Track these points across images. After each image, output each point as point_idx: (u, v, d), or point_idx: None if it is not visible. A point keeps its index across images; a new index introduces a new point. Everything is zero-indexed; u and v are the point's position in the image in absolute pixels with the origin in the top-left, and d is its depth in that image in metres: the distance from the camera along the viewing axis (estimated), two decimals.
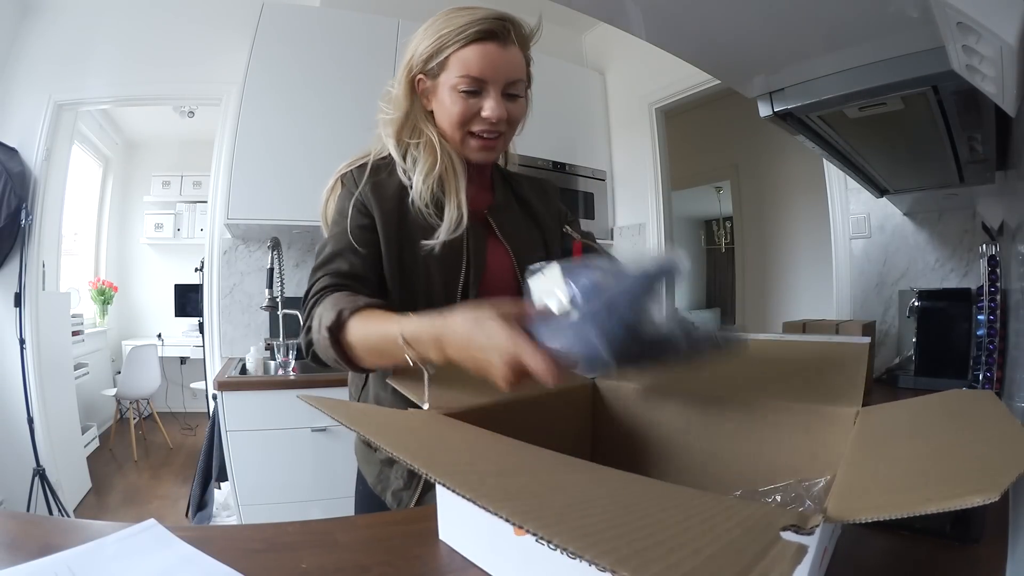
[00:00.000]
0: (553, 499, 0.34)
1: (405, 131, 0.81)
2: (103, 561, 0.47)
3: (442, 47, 0.76)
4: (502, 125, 0.79)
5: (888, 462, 0.41)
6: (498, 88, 0.77)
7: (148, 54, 2.47)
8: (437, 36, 0.77)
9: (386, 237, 0.78)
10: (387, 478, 0.82)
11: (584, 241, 0.96)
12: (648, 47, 0.95)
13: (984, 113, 0.96)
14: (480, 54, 0.75)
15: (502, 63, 0.76)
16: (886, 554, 0.52)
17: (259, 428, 1.88)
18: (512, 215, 0.90)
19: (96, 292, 4.41)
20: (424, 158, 0.79)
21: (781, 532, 0.29)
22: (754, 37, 0.91)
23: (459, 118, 0.78)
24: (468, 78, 0.76)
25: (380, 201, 0.78)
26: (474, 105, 0.77)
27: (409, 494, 0.79)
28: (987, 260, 1.42)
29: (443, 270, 0.79)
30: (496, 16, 0.76)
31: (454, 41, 0.75)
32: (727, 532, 0.29)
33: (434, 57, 0.77)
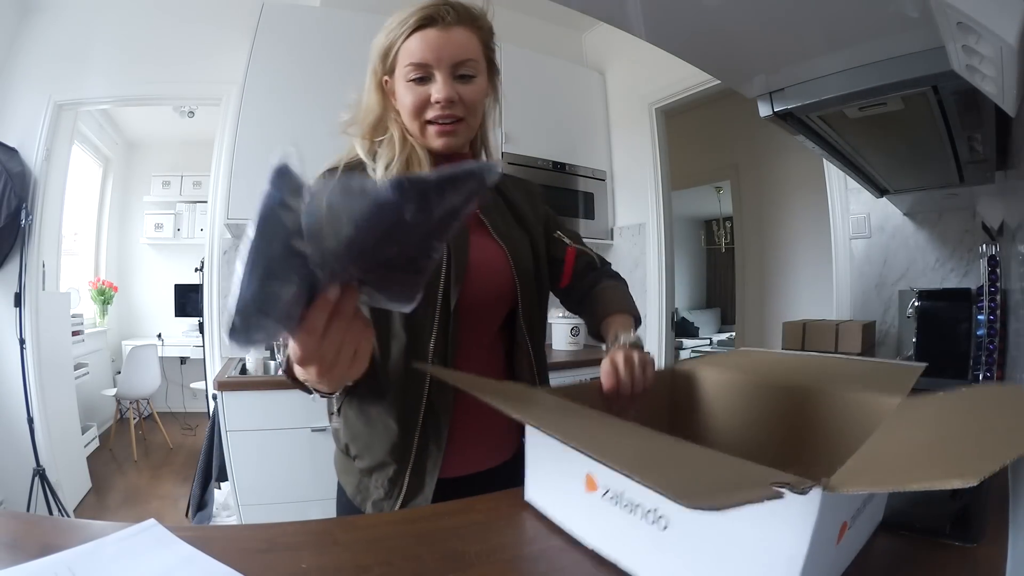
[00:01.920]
0: (618, 446, 0.46)
1: (375, 132, 0.83)
2: (103, 561, 0.47)
3: (392, 43, 0.78)
4: (458, 108, 0.79)
5: (897, 445, 0.45)
6: (444, 71, 0.77)
7: (148, 54, 2.47)
8: (387, 34, 0.79)
9: None
10: (367, 488, 0.80)
11: (577, 247, 0.96)
12: (648, 47, 0.95)
13: (984, 113, 0.96)
14: (421, 40, 0.76)
15: (445, 44, 0.76)
16: (886, 554, 0.52)
17: (259, 428, 1.88)
18: (503, 214, 0.90)
19: (96, 292, 4.40)
20: (385, 153, 0.80)
21: (773, 485, 0.35)
22: (754, 37, 0.91)
23: (412, 107, 0.78)
24: (413, 65, 0.76)
25: None
26: (424, 92, 0.77)
27: (390, 504, 0.78)
28: (987, 260, 1.42)
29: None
30: (435, 2, 0.76)
31: (400, 35, 0.77)
32: (734, 477, 0.39)
33: (388, 54, 0.79)
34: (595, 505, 0.52)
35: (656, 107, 2.81)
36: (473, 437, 0.82)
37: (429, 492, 0.77)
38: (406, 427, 0.77)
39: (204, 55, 2.51)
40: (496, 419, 0.82)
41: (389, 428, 0.78)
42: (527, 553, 0.55)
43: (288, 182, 0.38)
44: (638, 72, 2.86)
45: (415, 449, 0.78)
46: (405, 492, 0.77)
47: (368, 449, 0.80)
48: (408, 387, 0.77)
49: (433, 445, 0.78)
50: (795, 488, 0.35)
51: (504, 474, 0.83)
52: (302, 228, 0.36)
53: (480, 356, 0.84)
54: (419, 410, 0.77)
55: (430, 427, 0.78)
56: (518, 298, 0.84)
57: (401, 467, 0.78)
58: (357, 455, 0.81)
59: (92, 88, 2.46)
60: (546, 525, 0.59)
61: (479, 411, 0.80)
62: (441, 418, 0.78)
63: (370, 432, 0.80)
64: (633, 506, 0.49)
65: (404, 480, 0.77)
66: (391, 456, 0.78)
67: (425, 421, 0.78)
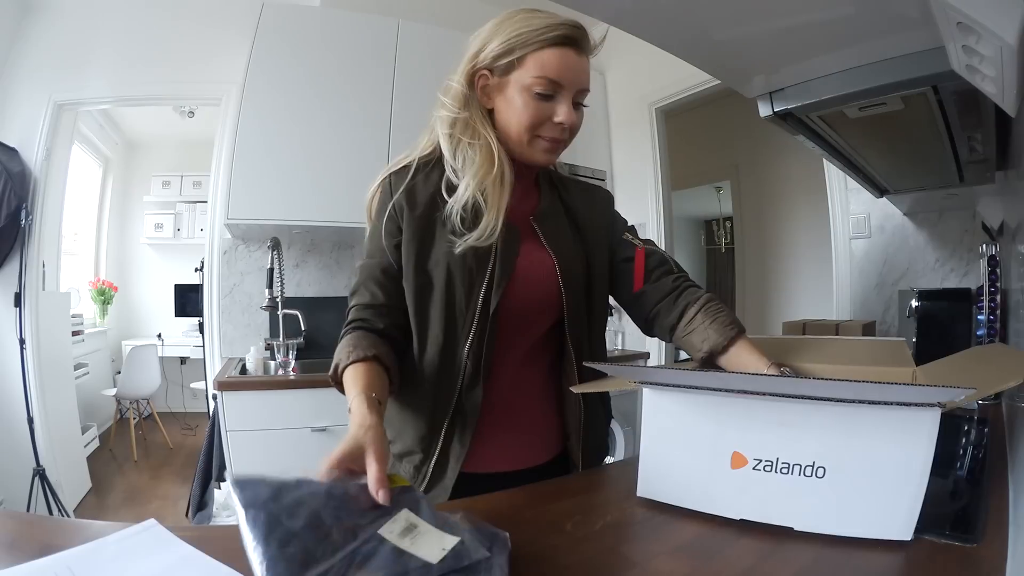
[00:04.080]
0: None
1: (458, 128, 0.79)
2: (103, 561, 0.47)
3: (518, 45, 0.74)
4: (568, 133, 0.79)
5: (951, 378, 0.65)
6: (570, 95, 0.77)
7: (148, 54, 2.47)
8: (514, 34, 0.74)
9: (411, 239, 0.79)
10: (396, 471, 0.83)
11: (647, 247, 0.91)
12: (648, 47, 0.95)
13: (984, 113, 0.96)
14: (560, 58, 0.74)
15: (579, 70, 0.76)
16: (887, 554, 0.52)
17: (259, 428, 1.88)
18: (558, 222, 0.87)
19: (96, 292, 4.40)
20: (481, 161, 0.77)
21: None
22: (754, 37, 0.91)
23: (531, 120, 0.76)
24: (545, 80, 0.74)
25: (412, 208, 0.79)
26: (547, 109, 0.76)
27: (415, 486, 0.80)
28: (987, 260, 1.42)
29: (465, 273, 0.78)
30: (575, 23, 0.76)
31: (534, 41, 0.74)
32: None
33: (507, 55, 0.75)
34: (744, 477, 0.59)
35: (656, 107, 2.81)
36: (501, 435, 0.84)
37: (450, 482, 0.80)
38: (434, 423, 0.80)
39: (204, 55, 2.51)
40: (533, 420, 0.86)
41: (419, 421, 0.81)
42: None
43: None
44: (638, 72, 2.86)
45: (440, 444, 0.80)
46: (428, 479, 0.81)
47: (400, 436, 0.84)
48: (440, 386, 0.80)
49: (457, 443, 0.81)
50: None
51: (547, 475, 0.84)
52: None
53: (518, 362, 0.84)
54: (448, 409, 0.80)
55: (456, 426, 0.81)
56: (564, 309, 0.82)
57: (426, 457, 0.81)
58: (391, 440, 0.84)
59: (92, 88, 2.47)
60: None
61: (514, 410, 0.84)
62: (468, 419, 0.80)
63: (402, 420, 0.83)
64: (790, 466, 0.57)
65: (428, 469, 0.81)
66: (419, 446, 0.82)
67: (452, 420, 0.80)
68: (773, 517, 0.58)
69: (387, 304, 0.80)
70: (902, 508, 0.52)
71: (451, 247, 0.76)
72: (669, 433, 0.66)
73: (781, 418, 0.58)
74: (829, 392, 0.54)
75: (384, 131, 2.31)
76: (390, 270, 0.80)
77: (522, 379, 0.85)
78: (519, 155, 0.80)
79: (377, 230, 0.81)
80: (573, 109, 0.78)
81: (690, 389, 0.64)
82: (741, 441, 0.60)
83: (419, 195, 0.79)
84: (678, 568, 0.52)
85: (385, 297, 0.80)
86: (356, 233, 2.23)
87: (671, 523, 0.62)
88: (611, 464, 1.05)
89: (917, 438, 0.52)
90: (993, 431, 0.94)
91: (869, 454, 0.54)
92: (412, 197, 0.79)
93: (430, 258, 0.78)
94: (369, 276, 0.80)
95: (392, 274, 0.80)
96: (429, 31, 2.43)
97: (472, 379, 0.79)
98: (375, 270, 0.80)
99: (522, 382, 0.85)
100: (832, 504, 0.55)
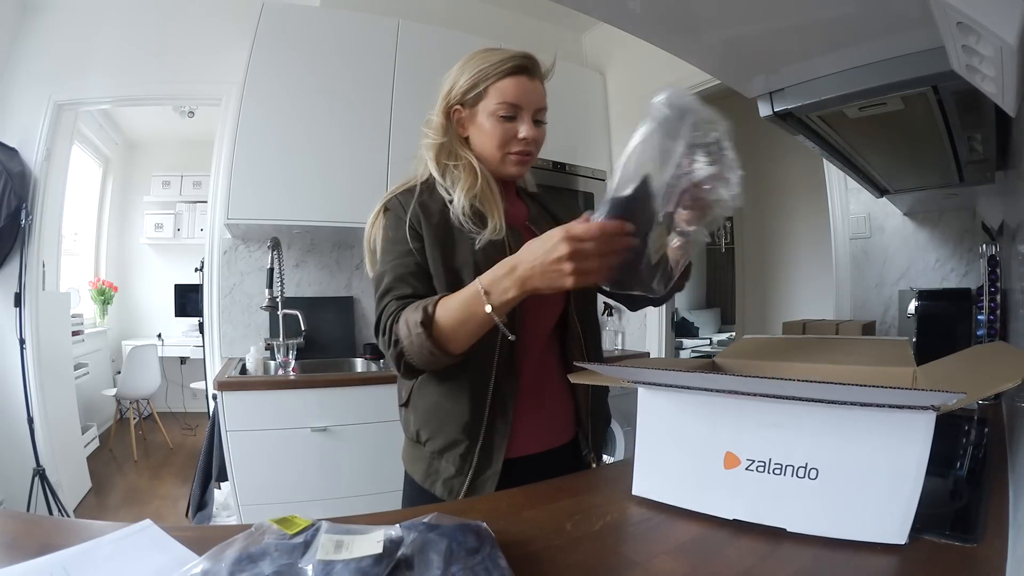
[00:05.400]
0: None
1: (443, 154, 0.92)
2: (98, 561, 0.47)
3: (481, 80, 0.88)
4: (533, 146, 0.91)
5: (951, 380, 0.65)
6: (529, 114, 0.90)
7: (148, 54, 2.47)
8: (476, 71, 0.88)
9: (433, 245, 0.86)
10: (437, 470, 0.88)
11: None
12: (648, 47, 0.96)
13: (984, 113, 0.96)
14: (516, 84, 0.88)
15: (533, 93, 0.90)
16: (886, 554, 0.52)
17: (259, 428, 1.88)
18: (548, 224, 0.95)
19: (96, 292, 4.40)
20: (465, 177, 0.89)
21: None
22: (754, 37, 0.91)
23: (500, 139, 0.89)
24: (506, 104, 0.88)
25: (427, 217, 0.88)
26: (511, 128, 0.89)
27: (460, 480, 0.86)
28: (987, 260, 1.42)
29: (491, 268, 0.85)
30: (525, 54, 0.90)
31: (493, 74, 0.88)
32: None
33: (473, 89, 0.89)
34: (737, 478, 0.60)
35: None
36: (535, 417, 0.91)
37: (497, 467, 0.85)
38: (477, 406, 0.86)
39: (204, 55, 2.51)
40: (554, 403, 0.94)
41: (461, 408, 0.86)
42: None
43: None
44: (638, 72, 2.86)
45: (485, 425, 0.86)
46: (475, 468, 0.85)
47: (440, 430, 0.88)
48: (479, 373, 0.86)
49: (500, 422, 0.87)
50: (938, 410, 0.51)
51: (563, 455, 0.94)
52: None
53: (539, 349, 0.93)
54: (487, 391, 0.86)
55: (497, 406, 0.87)
56: (570, 295, 0.93)
57: (472, 443, 0.86)
58: (429, 438, 0.89)
59: (92, 88, 2.46)
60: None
61: (539, 394, 0.91)
62: (508, 399, 0.87)
63: (444, 413, 0.88)
64: (783, 467, 0.58)
65: (474, 457, 0.86)
66: (464, 433, 0.86)
67: (493, 400, 0.86)
68: (766, 518, 0.58)
69: (425, 295, 0.84)
70: (897, 511, 0.52)
71: (472, 246, 0.86)
72: (663, 433, 0.67)
73: (773, 419, 0.58)
74: (819, 394, 0.54)
75: (384, 131, 2.31)
76: (420, 270, 0.86)
77: (544, 365, 0.94)
78: (495, 171, 0.92)
79: (400, 237, 0.87)
80: (534, 125, 0.91)
81: (683, 389, 0.64)
82: (734, 441, 0.61)
83: (431, 207, 0.89)
84: (678, 568, 0.52)
85: (424, 290, 0.85)
86: (356, 233, 2.23)
87: (671, 523, 0.62)
88: (610, 464, 1.06)
89: (911, 441, 0.52)
90: (993, 431, 0.94)
91: (862, 456, 0.54)
92: (426, 209, 0.88)
93: (456, 258, 0.87)
94: (404, 274, 0.85)
95: (422, 275, 0.86)
96: (429, 31, 2.43)
97: (507, 365, 0.87)
98: (408, 268, 0.86)
99: (544, 367, 0.94)
100: (825, 506, 0.55)
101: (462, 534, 0.49)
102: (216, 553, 0.44)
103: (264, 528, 0.49)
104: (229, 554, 0.44)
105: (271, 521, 0.50)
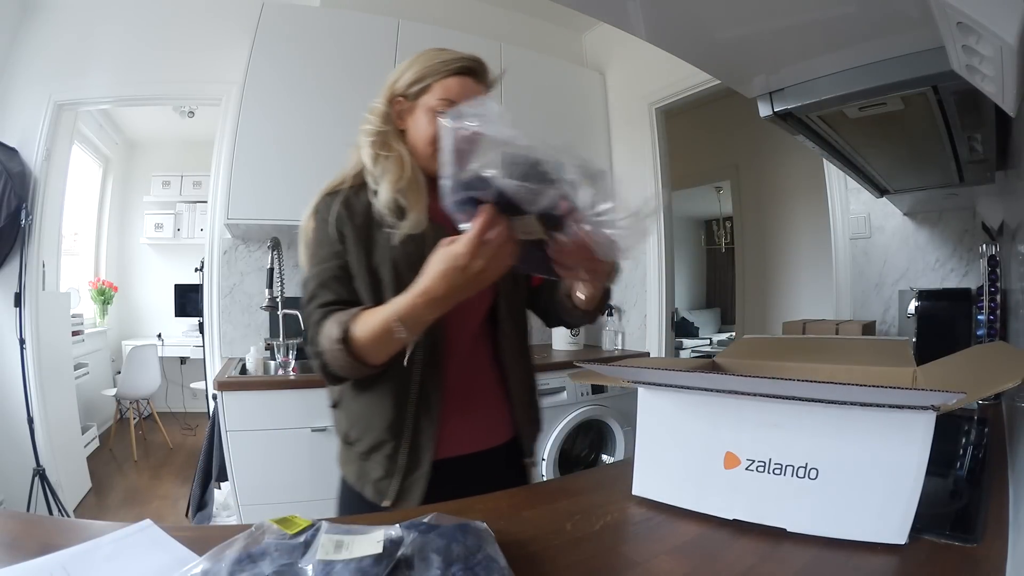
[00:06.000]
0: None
1: (377, 143, 0.91)
2: (98, 561, 0.47)
3: (427, 75, 0.88)
4: None
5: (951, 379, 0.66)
6: None
7: (148, 54, 2.47)
8: (425, 66, 0.89)
9: (356, 245, 0.86)
10: (366, 472, 0.87)
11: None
12: (648, 47, 0.95)
13: (984, 113, 0.96)
14: (460, 84, 0.88)
15: (475, 95, 0.89)
16: (886, 554, 0.52)
17: (259, 428, 1.88)
18: None
19: (96, 292, 4.40)
20: (393, 170, 0.88)
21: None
22: (754, 37, 0.91)
23: (433, 135, 0.87)
24: (446, 101, 0.87)
25: (351, 218, 0.87)
26: None
27: (388, 483, 0.85)
28: (987, 260, 1.42)
29: (409, 267, 0.83)
30: (475, 58, 0.91)
31: (440, 71, 0.88)
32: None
33: (418, 82, 0.89)
34: (737, 478, 0.60)
35: (656, 107, 2.81)
36: (466, 417, 0.90)
37: (426, 468, 0.84)
38: (400, 406, 0.85)
39: (204, 55, 2.51)
40: (486, 403, 0.93)
41: (386, 408, 0.85)
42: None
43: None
44: (638, 72, 2.86)
45: (411, 424, 0.85)
46: (404, 469, 0.84)
47: (367, 429, 0.87)
48: (402, 372, 0.84)
49: (426, 421, 0.86)
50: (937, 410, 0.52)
51: (499, 456, 0.93)
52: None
53: (467, 347, 0.92)
54: (410, 389, 0.85)
55: (422, 405, 0.86)
56: (497, 294, 0.93)
57: (397, 443, 0.85)
58: (357, 438, 0.88)
59: (92, 88, 2.46)
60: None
61: (470, 393, 0.90)
62: (433, 398, 0.86)
63: (368, 413, 0.87)
64: (783, 467, 0.58)
65: (401, 458, 0.85)
66: (389, 433, 0.85)
67: (418, 400, 0.85)
68: (766, 518, 0.58)
69: (349, 300, 0.85)
70: (897, 512, 0.52)
71: (391, 243, 0.86)
72: (663, 432, 0.67)
73: (773, 419, 0.58)
74: (819, 394, 0.54)
75: None
76: (344, 273, 0.86)
77: (473, 363, 0.93)
78: (425, 167, 0.90)
79: (325, 240, 0.87)
80: None
81: (683, 389, 0.64)
82: (734, 441, 0.61)
83: (355, 208, 0.88)
84: (678, 568, 0.52)
85: (347, 294, 0.85)
86: None
87: (670, 523, 0.62)
88: (610, 464, 1.06)
89: (911, 441, 0.52)
90: (993, 431, 0.94)
91: (863, 457, 0.54)
92: (350, 209, 0.88)
93: (375, 257, 0.86)
94: (327, 279, 0.85)
95: (345, 278, 0.86)
96: (429, 31, 2.43)
97: (430, 363, 0.86)
98: (331, 272, 0.86)
99: (473, 366, 0.93)
100: (825, 506, 0.55)
101: (462, 534, 0.49)
102: (216, 553, 0.45)
103: (264, 528, 0.49)
104: (229, 554, 0.44)
105: (271, 521, 0.50)
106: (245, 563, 0.44)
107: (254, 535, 0.48)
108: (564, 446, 2.31)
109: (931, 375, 0.71)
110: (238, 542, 0.46)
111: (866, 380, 0.50)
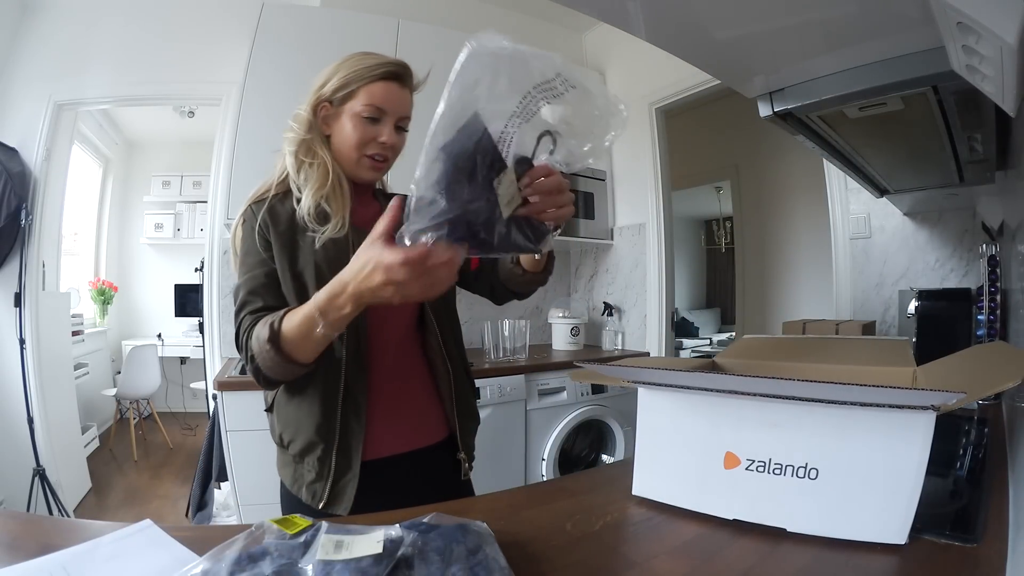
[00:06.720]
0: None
1: (302, 150, 0.92)
2: (98, 561, 0.47)
3: (353, 80, 0.89)
4: (390, 152, 0.92)
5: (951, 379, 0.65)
6: (392, 120, 0.91)
7: (148, 54, 2.47)
8: (351, 71, 0.89)
9: (281, 251, 0.87)
10: (301, 475, 0.89)
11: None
12: (648, 47, 0.95)
13: (984, 113, 0.96)
14: (385, 89, 0.89)
15: (400, 100, 0.91)
16: (886, 554, 0.52)
17: (259, 428, 1.86)
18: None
19: (96, 292, 4.40)
20: (317, 177, 0.89)
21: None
22: (754, 37, 0.91)
23: (359, 141, 0.89)
24: (372, 107, 0.88)
25: (275, 225, 0.89)
26: (373, 131, 0.90)
27: (321, 485, 0.86)
28: (987, 260, 1.42)
29: (332, 271, 0.82)
30: (400, 63, 0.91)
31: (365, 76, 0.88)
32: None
33: (344, 87, 0.89)
34: (737, 478, 0.60)
35: (656, 107, 2.81)
36: (396, 418, 0.91)
37: (356, 470, 0.86)
38: (328, 407, 0.86)
39: (204, 55, 2.51)
40: (417, 402, 0.93)
41: (313, 409, 0.87)
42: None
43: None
44: (638, 72, 2.86)
45: (338, 426, 0.86)
46: (334, 472, 0.86)
47: (298, 431, 0.88)
48: (328, 375, 0.86)
49: (354, 422, 0.87)
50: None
51: (433, 456, 0.94)
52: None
53: (394, 349, 0.93)
54: (338, 391, 0.86)
55: (350, 406, 0.87)
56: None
57: (328, 446, 0.86)
58: (290, 441, 0.90)
59: (92, 88, 2.46)
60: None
61: (399, 393, 0.91)
62: (360, 399, 0.87)
63: (298, 417, 0.88)
64: (783, 467, 0.58)
65: (332, 460, 0.86)
66: (318, 435, 0.86)
67: (345, 401, 0.86)
68: (766, 518, 0.58)
69: (277, 307, 0.85)
70: (897, 512, 0.52)
71: (313, 247, 0.87)
72: (663, 432, 0.67)
73: (773, 419, 0.58)
74: (819, 394, 0.54)
75: None
76: (271, 280, 0.87)
77: (401, 364, 0.94)
78: (350, 173, 0.93)
79: (252, 248, 0.89)
80: (396, 132, 0.91)
81: (683, 389, 0.64)
82: (734, 441, 0.61)
83: (279, 215, 0.90)
84: (678, 568, 0.52)
85: (276, 301, 0.86)
86: None
87: (670, 523, 0.62)
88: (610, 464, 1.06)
89: (911, 441, 0.52)
90: (993, 431, 0.94)
91: (862, 457, 0.54)
92: (275, 216, 0.89)
93: (299, 262, 0.88)
94: (256, 287, 0.87)
95: (273, 285, 0.88)
96: (429, 31, 2.43)
97: (355, 365, 0.87)
98: (259, 280, 0.87)
99: (402, 366, 0.94)
100: (825, 506, 0.55)
101: (462, 534, 0.49)
102: (216, 553, 0.45)
103: (264, 528, 0.49)
104: (229, 554, 0.44)
105: (271, 521, 0.50)
106: (245, 563, 0.44)
107: (254, 535, 0.48)
108: (564, 446, 2.31)
109: (931, 375, 0.71)
110: (238, 542, 0.46)
111: (866, 380, 0.50)
